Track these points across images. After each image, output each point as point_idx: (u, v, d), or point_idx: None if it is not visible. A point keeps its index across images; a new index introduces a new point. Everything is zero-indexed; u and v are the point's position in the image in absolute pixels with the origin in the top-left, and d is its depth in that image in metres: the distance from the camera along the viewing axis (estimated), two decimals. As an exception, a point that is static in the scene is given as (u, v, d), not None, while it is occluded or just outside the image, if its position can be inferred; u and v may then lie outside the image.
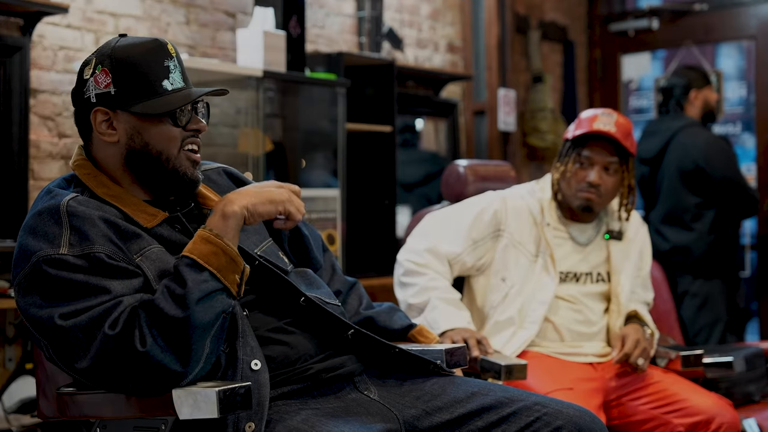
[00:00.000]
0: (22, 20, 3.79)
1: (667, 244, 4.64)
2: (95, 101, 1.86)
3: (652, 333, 2.91)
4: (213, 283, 1.71)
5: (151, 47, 1.86)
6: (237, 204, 1.78)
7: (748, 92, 6.39)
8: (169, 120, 1.86)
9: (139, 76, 1.84)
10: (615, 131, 2.89)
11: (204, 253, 1.73)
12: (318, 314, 1.93)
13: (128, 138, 1.86)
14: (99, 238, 1.76)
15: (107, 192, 1.87)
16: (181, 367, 1.69)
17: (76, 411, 1.80)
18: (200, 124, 1.91)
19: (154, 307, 1.69)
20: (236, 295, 1.76)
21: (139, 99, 1.84)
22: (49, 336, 1.74)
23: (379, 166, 5.04)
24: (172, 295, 1.69)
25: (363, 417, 1.84)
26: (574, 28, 6.76)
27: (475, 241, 2.92)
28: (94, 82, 1.86)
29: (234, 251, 1.75)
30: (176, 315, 1.68)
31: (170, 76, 1.86)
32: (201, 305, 1.69)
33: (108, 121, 1.86)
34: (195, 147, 1.91)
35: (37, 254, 1.74)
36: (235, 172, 2.13)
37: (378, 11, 5.30)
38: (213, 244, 1.74)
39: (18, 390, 3.69)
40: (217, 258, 1.73)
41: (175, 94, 1.86)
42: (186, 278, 1.70)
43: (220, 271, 1.73)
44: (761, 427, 3.05)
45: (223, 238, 1.75)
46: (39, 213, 1.80)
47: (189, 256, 1.73)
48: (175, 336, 1.68)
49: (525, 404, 1.89)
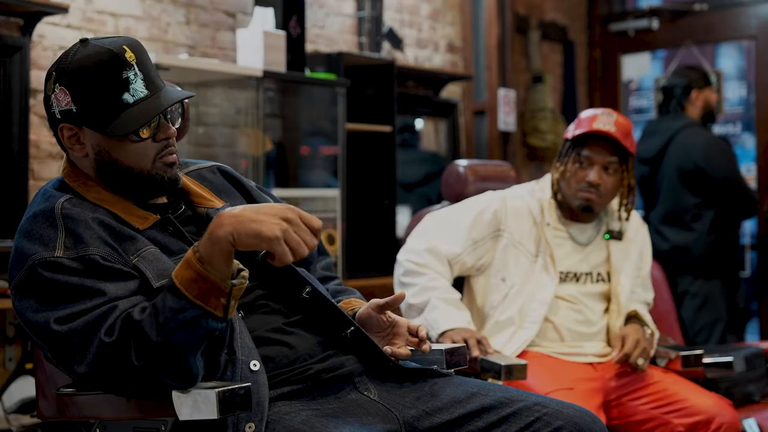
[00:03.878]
0: (22, 20, 3.79)
1: (667, 244, 4.64)
2: (60, 117, 1.83)
3: (652, 333, 2.91)
4: (193, 311, 1.64)
5: (106, 60, 1.78)
6: (224, 229, 1.64)
7: (748, 92, 6.39)
8: (134, 136, 1.82)
9: (96, 94, 1.79)
10: (615, 131, 2.89)
11: (185, 278, 1.65)
12: (319, 309, 1.92)
13: (95, 153, 1.84)
14: (94, 240, 1.76)
15: (98, 197, 1.86)
16: (179, 384, 1.68)
17: (76, 412, 1.80)
18: (169, 131, 1.85)
19: (139, 328, 1.66)
20: (223, 317, 1.67)
21: (99, 117, 1.80)
22: (45, 340, 1.74)
23: (379, 166, 5.04)
24: (156, 319, 1.66)
25: (363, 417, 1.84)
26: (574, 28, 6.76)
27: (475, 241, 2.91)
28: (55, 99, 1.83)
29: (217, 277, 1.64)
30: (157, 341, 1.65)
31: (131, 87, 1.80)
32: (182, 332, 1.65)
33: (75, 136, 1.84)
34: (170, 152, 1.87)
35: (33, 257, 1.74)
36: (229, 170, 2.11)
37: (378, 11, 5.30)
38: (193, 270, 1.64)
39: (18, 390, 3.69)
40: (197, 284, 1.64)
41: (139, 107, 1.80)
42: (166, 304, 1.65)
43: (200, 298, 1.64)
44: (761, 427, 3.05)
45: (206, 264, 1.64)
46: (34, 216, 1.79)
47: (173, 279, 1.67)
48: (161, 359, 1.66)
49: (525, 404, 1.88)
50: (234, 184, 2.09)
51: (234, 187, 2.08)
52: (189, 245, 1.85)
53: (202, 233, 1.73)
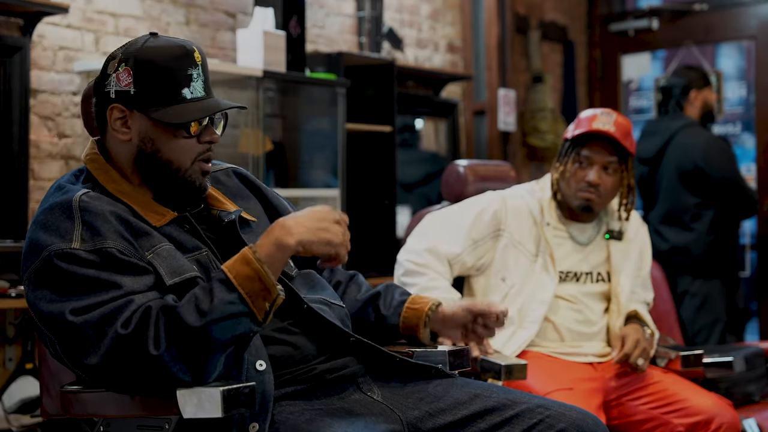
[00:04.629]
0: (22, 20, 3.79)
1: (667, 244, 4.65)
2: (114, 97, 1.85)
3: (652, 333, 2.91)
4: (239, 306, 1.68)
5: (178, 53, 1.84)
6: (294, 237, 1.73)
7: (748, 92, 6.39)
8: (183, 131, 1.85)
9: (159, 81, 1.83)
10: (614, 131, 2.89)
11: (240, 273, 1.70)
12: (320, 321, 1.93)
13: (140, 140, 1.86)
14: (111, 233, 1.76)
15: (117, 188, 1.86)
16: (190, 380, 1.68)
17: (80, 409, 1.80)
18: (214, 135, 1.90)
19: (175, 315, 1.67)
20: (262, 322, 1.72)
21: (156, 104, 1.83)
22: (58, 332, 1.73)
23: (379, 166, 5.04)
24: (197, 306, 1.68)
25: (366, 418, 1.84)
26: (574, 28, 6.76)
27: (475, 241, 2.92)
28: (116, 79, 1.85)
29: (272, 281, 1.71)
30: (194, 324, 1.66)
31: (192, 84, 1.84)
32: (222, 324, 1.67)
33: (123, 119, 1.86)
34: (208, 158, 1.90)
35: (49, 248, 1.74)
36: (245, 173, 2.12)
37: (378, 11, 5.30)
38: (252, 268, 1.70)
39: (18, 390, 3.69)
40: (252, 283, 1.69)
41: (194, 104, 1.84)
42: (215, 294, 1.68)
43: (250, 297, 1.69)
44: (761, 427, 3.06)
45: (264, 265, 1.70)
46: (50, 208, 1.79)
47: (225, 272, 1.71)
48: (190, 347, 1.66)
49: (528, 406, 1.88)
50: (249, 187, 2.10)
51: (249, 190, 2.09)
52: (204, 243, 1.88)
53: (214, 232, 1.82)
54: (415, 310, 2.12)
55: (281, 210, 2.09)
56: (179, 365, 1.67)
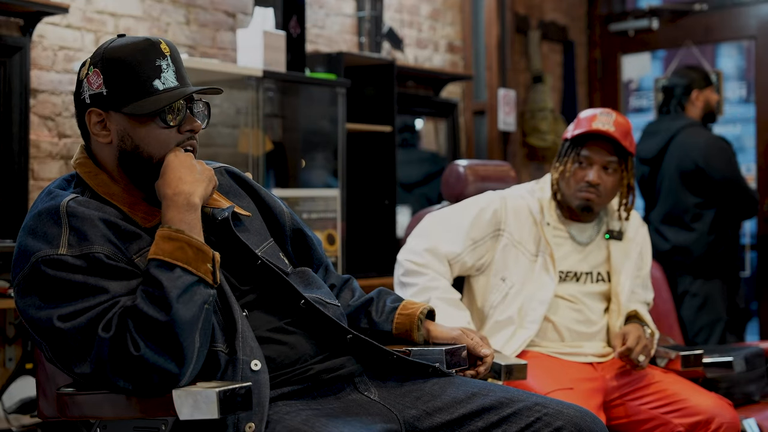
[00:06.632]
0: (22, 20, 3.79)
1: (667, 244, 4.65)
2: (89, 102, 1.86)
3: (652, 333, 2.91)
4: (187, 277, 1.70)
5: (143, 46, 1.85)
6: (195, 195, 1.79)
7: (748, 92, 6.39)
8: (159, 121, 1.85)
9: (128, 76, 1.83)
10: (614, 131, 2.89)
11: (167, 250, 1.72)
12: (317, 317, 1.93)
13: (120, 139, 1.86)
14: (98, 238, 1.76)
15: (107, 191, 1.87)
16: (177, 367, 1.68)
17: (77, 411, 1.80)
18: (195, 124, 1.89)
19: (138, 312, 1.68)
20: (213, 283, 1.74)
21: (129, 99, 1.83)
22: (48, 338, 1.74)
23: (379, 166, 5.04)
24: (152, 298, 1.68)
25: (363, 417, 1.84)
26: (574, 28, 6.76)
27: (475, 240, 2.92)
28: (87, 83, 1.86)
29: (198, 241, 1.74)
30: (159, 318, 1.67)
31: (162, 75, 1.84)
32: (181, 301, 1.68)
33: (101, 122, 1.86)
34: (191, 149, 1.89)
35: (36, 255, 1.74)
36: (237, 171, 2.12)
37: (378, 11, 5.30)
38: (175, 241, 1.73)
39: (18, 390, 3.69)
40: (184, 252, 1.72)
41: (167, 94, 1.84)
42: (160, 279, 1.69)
43: (190, 264, 1.72)
44: (761, 427, 3.05)
45: (183, 232, 1.74)
46: (38, 214, 1.79)
47: (156, 258, 1.72)
48: (164, 338, 1.67)
49: (525, 404, 1.89)
50: (242, 185, 2.10)
51: (242, 188, 2.09)
52: None
53: (207, 230, 1.82)
54: (407, 315, 2.13)
55: (274, 208, 2.09)
56: (161, 356, 1.67)
